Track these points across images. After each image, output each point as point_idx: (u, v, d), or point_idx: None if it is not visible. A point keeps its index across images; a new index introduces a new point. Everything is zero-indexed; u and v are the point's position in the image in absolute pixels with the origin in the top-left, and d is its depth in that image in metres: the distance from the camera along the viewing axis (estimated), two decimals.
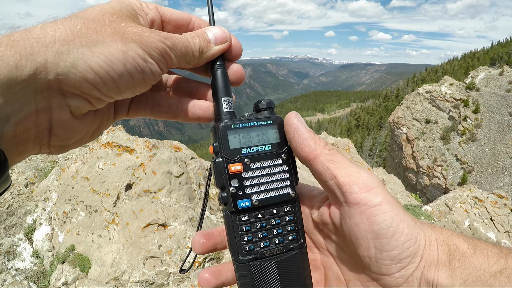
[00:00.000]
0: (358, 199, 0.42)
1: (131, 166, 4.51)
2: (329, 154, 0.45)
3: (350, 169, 0.44)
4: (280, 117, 0.50)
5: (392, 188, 8.16)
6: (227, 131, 0.47)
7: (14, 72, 0.29)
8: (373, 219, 0.41)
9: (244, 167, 0.47)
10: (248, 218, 0.47)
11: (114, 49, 0.36)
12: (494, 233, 4.33)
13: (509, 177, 33.07)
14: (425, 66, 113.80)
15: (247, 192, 0.47)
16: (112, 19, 0.38)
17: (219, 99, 0.50)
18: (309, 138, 0.46)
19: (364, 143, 64.32)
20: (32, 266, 4.14)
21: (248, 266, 0.47)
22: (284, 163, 0.49)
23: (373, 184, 0.42)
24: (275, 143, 0.49)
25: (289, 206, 0.49)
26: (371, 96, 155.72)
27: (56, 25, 0.34)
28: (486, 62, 51.33)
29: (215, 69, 0.52)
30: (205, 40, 0.46)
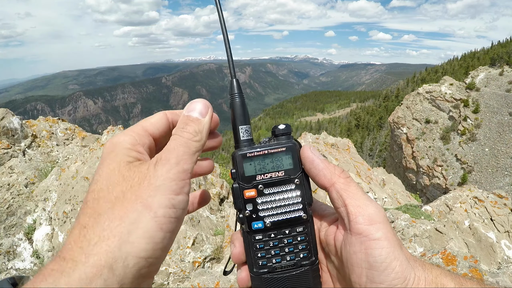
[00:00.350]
0: (361, 230, 0.45)
1: None
2: (344, 183, 0.49)
3: (360, 200, 0.48)
4: (294, 143, 0.53)
5: (392, 188, 8.16)
6: (243, 160, 0.52)
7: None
8: (370, 251, 0.44)
9: (258, 192, 0.52)
10: (262, 237, 0.52)
11: (145, 223, 0.37)
12: (494, 233, 4.32)
13: (509, 177, 33.06)
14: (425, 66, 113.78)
15: (260, 215, 0.52)
16: (122, 187, 0.39)
17: (237, 128, 0.54)
18: (324, 168, 0.51)
19: (364, 143, 64.30)
20: (32, 266, 4.14)
21: (261, 279, 0.52)
22: (297, 188, 0.53)
23: (378, 219, 0.46)
24: (289, 169, 0.53)
25: (301, 227, 0.53)
26: (371, 96, 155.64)
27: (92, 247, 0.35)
28: (486, 62, 51.31)
29: (233, 100, 0.55)
30: (194, 123, 0.48)
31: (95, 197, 0.39)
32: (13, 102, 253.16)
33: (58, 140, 6.75)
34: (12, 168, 5.42)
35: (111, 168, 0.41)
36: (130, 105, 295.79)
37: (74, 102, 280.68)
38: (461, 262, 2.44)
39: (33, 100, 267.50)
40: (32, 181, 5.32)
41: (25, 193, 5.01)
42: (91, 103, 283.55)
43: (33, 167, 5.59)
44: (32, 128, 6.46)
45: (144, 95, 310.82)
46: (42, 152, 6.21)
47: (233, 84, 0.56)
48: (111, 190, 0.39)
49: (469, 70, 53.46)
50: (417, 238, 3.77)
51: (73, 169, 5.07)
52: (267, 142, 0.55)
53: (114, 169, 0.41)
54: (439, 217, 4.63)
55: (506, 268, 3.04)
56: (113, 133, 5.21)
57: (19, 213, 4.71)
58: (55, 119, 7.33)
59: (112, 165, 0.41)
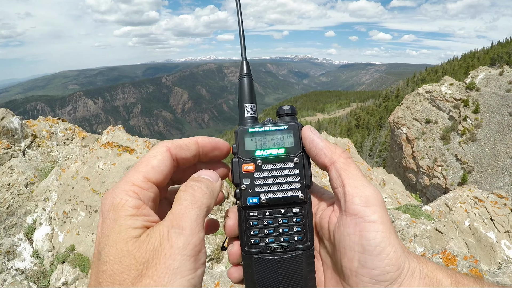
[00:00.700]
0: (356, 210, 0.44)
1: (131, 166, 4.50)
2: (344, 162, 0.48)
3: (358, 181, 0.46)
4: (296, 123, 0.53)
5: (392, 188, 8.16)
6: (244, 134, 0.52)
7: None
8: (365, 233, 0.43)
9: (256, 167, 0.52)
10: (257, 214, 0.51)
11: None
12: (494, 233, 4.32)
13: (509, 177, 33.05)
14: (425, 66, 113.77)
15: (256, 191, 0.51)
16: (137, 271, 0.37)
17: (242, 105, 0.55)
18: (324, 147, 0.50)
19: (364, 143, 64.27)
20: (32, 266, 4.14)
21: (251, 258, 0.50)
22: (296, 167, 0.52)
23: (375, 201, 0.45)
24: (289, 147, 0.52)
25: (297, 208, 0.51)
26: (371, 96, 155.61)
27: None
28: (486, 62, 51.28)
29: (241, 78, 0.56)
30: (205, 182, 0.46)
31: (110, 281, 0.37)
32: (13, 102, 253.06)
33: (58, 140, 6.74)
34: (12, 168, 5.42)
35: (119, 248, 0.38)
36: (130, 105, 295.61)
37: (74, 102, 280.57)
38: (461, 262, 2.44)
39: (33, 100, 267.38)
40: (32, 181, 5.32)
41: (25, 193, 5.01)
42: (91, 103, 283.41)
43: (33, 167, 5.59)
44: (32, 128, 6.46)
45: (144, 95, 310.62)
46: (42, 152, 6.21)
47: (243, 65, 0.57)
48: (125, 275, 0.36)
49: (469, 70, 53.42)
50: (417, 238, 3.77)
51: (73, 169, 5.07)
52: (270, 121, 0.54)
53: (123, 249, 0.38)
54: (439, 217, 4.63)
55: (506, 268, 3.04)
56: (113, 133, 5.21)
57: (19, 213, 4.71)
58: (55, 119, 7.33)
59: (120, 245, 0.38)
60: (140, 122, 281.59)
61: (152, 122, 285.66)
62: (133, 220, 0.39)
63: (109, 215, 0.40)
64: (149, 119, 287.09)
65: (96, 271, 0.39)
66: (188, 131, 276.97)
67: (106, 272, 0.37)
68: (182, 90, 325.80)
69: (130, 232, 0.38)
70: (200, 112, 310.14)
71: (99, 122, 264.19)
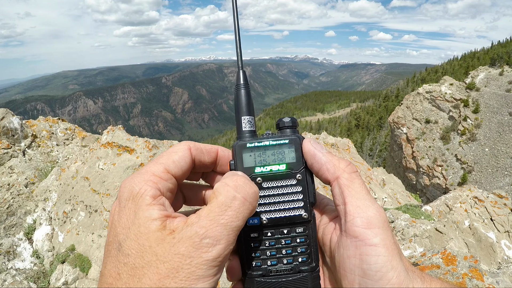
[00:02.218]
0: (357, 233, 0.42)
1: (131, 166, 4.51)
2: (348, 178, 0.45)
3: (361, 200, 0.44)
4: (298, 136, 0.50)
5: (392, 188, 8.16)
6: (242, 150, 0.49)
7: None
8: (365, 257, 0.41)
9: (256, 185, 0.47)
10: (258, 235, 0.48)
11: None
12: (494, 233, 4.32)
13: (509, 177, 33.04)
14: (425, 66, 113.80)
15: (257, 210, 0.47)
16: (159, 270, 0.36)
17: (239, 118, 0.52)
18: (327, 162, 0.47)
19: (364, 143, 64.26)
20: (32, 266, 4.14)
21: (254, 282, 0.47)
22: (298, 184, 0.48)
23: (377, 223, 0.42)
24: (291, 162, 0.49)
25: (301, 228, 0.48)
26: (371, 96, 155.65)
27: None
28: (486, 62, 51.28)
29: (238, 89, 0.53)
30: (253, 201, 0.42)
31: (131, 274, 0.37)
32: (13, 102, 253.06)
33: (58, 140, 6.74)
34: (12, 168, 5.42)
35: (141, 243, 0.38)
36: (130, 105, 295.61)
37: (74, 102, 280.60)
38: (461, 262, 2.44)
39: (33, 100, 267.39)
40: (32, 181, 5.32)
41: (25, 193, 5.01)
42: (91, 103, 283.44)
43: (33, 167, 5.59)
44: (32, 128, 6.46)
45: (144, 95, 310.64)
46: (42, 152, 6.21)
47: (239, 75, 0.54)
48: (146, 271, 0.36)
49: (469, 70, 53.41)
50: (417, 238, 3.76)
51: (73, 169, 5.07)
52: (270, 134, 0.51)
53: (144, 244, 0.37)
54: (439, 217, 4.63)
55: (506, 268, 3.04)
56: (113, 133, 5.21)
57: (19, 213, 4.71)
58: (55, 119, 7.33)
59: (141, 240, 0.38)
60: (140, 122, 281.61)
61: (152, 122, 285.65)
62: (151, 211, 0.39)
63: (128, 204, 0.40)
64: (149, 119, 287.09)
65: (115, 260, 0.38)
66: (188, 131, 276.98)
67: (128, 264, 0.37)
68: (182, 90, 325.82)
69: (150, 226, 0.38)
70: (200, 112, 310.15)
71: (99, 122, 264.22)
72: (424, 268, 2.46)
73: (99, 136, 6.38)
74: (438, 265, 2.45)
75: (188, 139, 10.61)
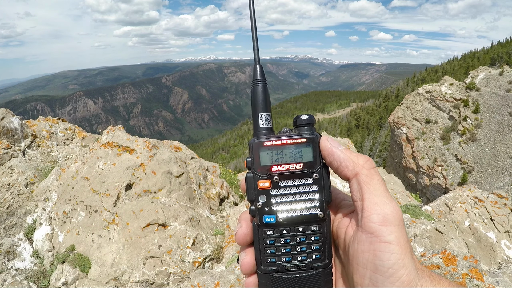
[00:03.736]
0: (373, 229, 0.43)
1: (131, 166, 4.51)
2: (367, 174, 0.46)
3: (379, 197, 0.44)
4: (316, 135, 0.50)
5: (392, 188, 8.15)
6: (260, 148, 0.49)
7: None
8: (379, 253, 0.42)
9: (273, 184, 0.48)
10: (273, 232, 0.48)
11: None
12: (494, 233, 4.32)
13: (509, 177, 33.02)
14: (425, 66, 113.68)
15: (273, 209, 0.48)
16: None
17: (256, 115, 0.51)
18: (346, 159, 0.47)
19: (364, 143, 64.24)
20: (32, 266, 4.13)
21: (268, 277, 0.48)
22: (315, 183, 0.49)
23: (393, 220, 0.43)
24: (308, 161, 0.49)
25: (316, 226, 0.49)
26: (371, 96, 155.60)
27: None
28: (486, 62, 51.25)
29: (255, 85, 0.52)
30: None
31: None
32: (13, 102, 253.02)
33: (58, 140, 6.74)
34: (12, 168, 5.41)
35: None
36: (130, 105, 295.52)
37: (74, 102, 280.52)
38: (461, 262, 2.44)
39: (33, 100, 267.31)
40: (32, 181, 5.31)
41: (25, 193, 5.01)
42: (91, 103, 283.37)
43: (33, 167, 5.59)
44: (32, 128, 6.46)
45: (144, 95, 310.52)
46: (42, 152, 6.20)
47: (256, 70, 0.53)
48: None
49: (469, 70, 53.37)
50: (417, 238, 3.76)
51: (73, 169, 5.07)
52: (287, 132, 0.51)
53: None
54: (439, 217, 4.63)
55: (506, 268, 3.04)
56: (113, 133, 5.21)
57: (19, 213, 4.71)
58: (55, 119, 7.33)
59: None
60: (140, 122, 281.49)
61: (152, 122, 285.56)
62: None
63: None
64: (149, 119, 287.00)
65: None
66: (188, 131, 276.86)
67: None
68: (182, 90, 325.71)
69: None
70: (200, 112, 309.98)
71: (99, 122, 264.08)
72: None
73: (99, 136, 6.38)
74: (438, 265, 2.45)
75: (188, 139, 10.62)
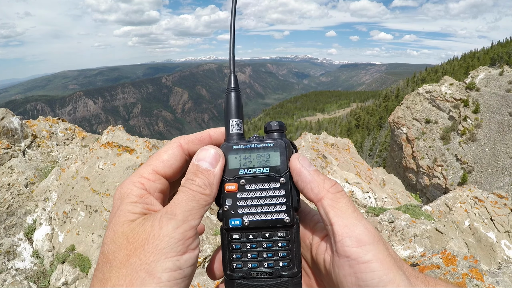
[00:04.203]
0: (349, 252, 0.41)
1: (131, 166, 4.51)
2: (332, 198, 0.45)
3: (348, 219, 0.43)
4: (284, 141, 0.50)
5: (392, 188, 8.16)
6: (228, 152, 0.49)
7: None
8: (361, 275, 0.40)
9: (239, 187, 0.48)
10: (239, 237, 0.48)
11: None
12: (494, 233, 4.32)
13: (509, 177, 33.03)
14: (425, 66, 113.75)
15: (239, 212, 0.48)
16: (127, 251, 0.39)
17: (228, 121, 0.52)
18: (312, 181, 0.46)
19: (364, 143, 64.26)
20: (32, 266, 4.13)
21: (234, 283, 0.48)
22: (282, 187, 0.48)
23: (367, 239, 0.41)
24: (275, 166, 0.49)
25: (283, 232, 0.48)
26: (371, 96, 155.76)
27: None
28: (486, 62, 51.29)
29: (228, 93, 0.53)
30: (204, 174, 0.45)
31: (104, 261, 0.39)
32: (13, 102, 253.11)
33: (58, 140, 6.74)
34: (12, 168, 5.41)
35: (116, 230, 0.41)
36: (130, 105, 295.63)
37: (74, 102, 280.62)
38: (461, 262, 2.44)
39: (33, 100, 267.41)
40: (32, 181, 5.32)
41: (25, 193, 5.01)
42: (91, 103, 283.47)
43: (33, 167, 5.59)
44: (32, 128, 6.46)
45: (144, 95, 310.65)
46: (42, 152, 6.21)
47: (231, 79, 0.54)
48: (116, 254, 0.39)
49: (469, 70, 53.41)
50: (417, 238, 3.76)
51: (73, 169, 5.07)
52: (256, 137, 0.51)
53: (118, 230, 0.40)
54: (439, 217, 4.63)
55: (506, 268, 3.04)
56: (113, 133, 5.21)
57: (19, 213, 4.71)
58: (55, 119, 7.33)
59: (117, 227, 0.41)
60: (140, 122, 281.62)
61: (152, 122, 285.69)
62: (132, 206, 0.42)
63: (116, 203, 0.44)
64: (149, 119, 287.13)
65: (99, 254, 0.41)
66: (188, 131, 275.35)
67: (103, 252, 0.40)
68: (182, 90, 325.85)
69: (127, 216, 0.41)
70: (200, 112, 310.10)
71: (99, 122, 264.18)
72: (424, 268, 2.46)
73: (99, 136, 6.38)
74: (438, 265, 2.45)
75: None
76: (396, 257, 0.43)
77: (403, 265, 0.42)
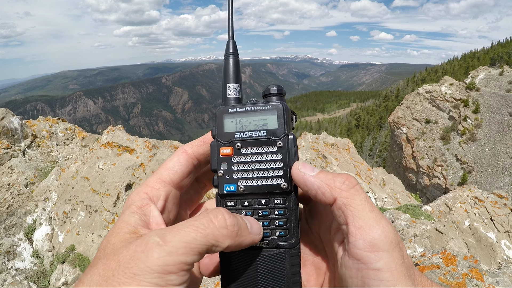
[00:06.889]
0: (359, 256, 0.39)
1: (131, 166, 4.51)
2: (347, 196, 0.41)
3: (365, 220, 0.40)
4: (281, 104, 0.48)
5: (392, 188, 8.16)
6: (224, 115, 0.48)
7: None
8: (368, 281, 0.38)
9: (235, 151, 0.46)
10: (234, 204, 0.46)
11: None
12: (494, 233, 4.32)
13: (509, 177, 33.03)
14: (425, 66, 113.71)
15: (234, 177, 0.46)
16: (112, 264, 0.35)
17: (225, 85, 0.51)
18: (320, 186, 0.43)
19: (364, 143, 64.26)
20: (32, 266, 4.14)
21: (228, 253, 0.45)
22: (279, 151, 0.46)
23: (382, 245, 0.38)
24: (272, 129, 0.46)
25: (280, 199, 0.46)
26: (371, 96, 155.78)
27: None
28: (486, 62, 51.31)
29: (226, 57, 0.53)
30: (230, 228, 0.39)
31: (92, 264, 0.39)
32: (13, 102, 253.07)
33: (58, 140, 6.74)
34: (12, 168, 5.41)
35: (108, 239, 0.40)
36: (130, 105, 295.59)
37: (74, 102, 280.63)
38: (461, 262, 2.44)
39: (33, 100, 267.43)
40: (32, 181, 5.32)
41: (25, 193, 5.01)
42: (91, 103, 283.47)
43: (33, 167, 5.59)
44: (32, 128, 6.46)
45: (144, 95, 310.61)
46: (42, 152, 6.20)
47: (229, 45, 0.53)
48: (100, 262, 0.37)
49: (469, 70, 53.43)
50: (417, 238, 3.76)
51: (73, 169, 5.07)
52: (254, 101, 0.49)
53: (110, 241, 0.40)
54: (439, 217, 4.63)
55: (506, 268, 3.04)
56: (113, 133, 5.21)
57: (19, 213, 4.71)
58: (55, 119, 7.33)
59: (110, 237, 0.40)
60: (140, 122, 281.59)
61: (152, 122, 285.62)
62: (129, 216, 0.42)
63: (122, 211, 0.45)
64: (149, 119, 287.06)
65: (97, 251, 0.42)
66: (188, 131, 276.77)
67: (95, 258, 0.39)
68: (182, 90, 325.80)
69: (123, 228, 0.41)
70: (200, 112, 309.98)
71: (99, 122, 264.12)
72: (424, 268, 2.46)
73: (99, 136, 6.38)
74: (438, 265, 2.45)
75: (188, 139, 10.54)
76: (409, 264, 0.40)
77: (415, 274, 0.40)
